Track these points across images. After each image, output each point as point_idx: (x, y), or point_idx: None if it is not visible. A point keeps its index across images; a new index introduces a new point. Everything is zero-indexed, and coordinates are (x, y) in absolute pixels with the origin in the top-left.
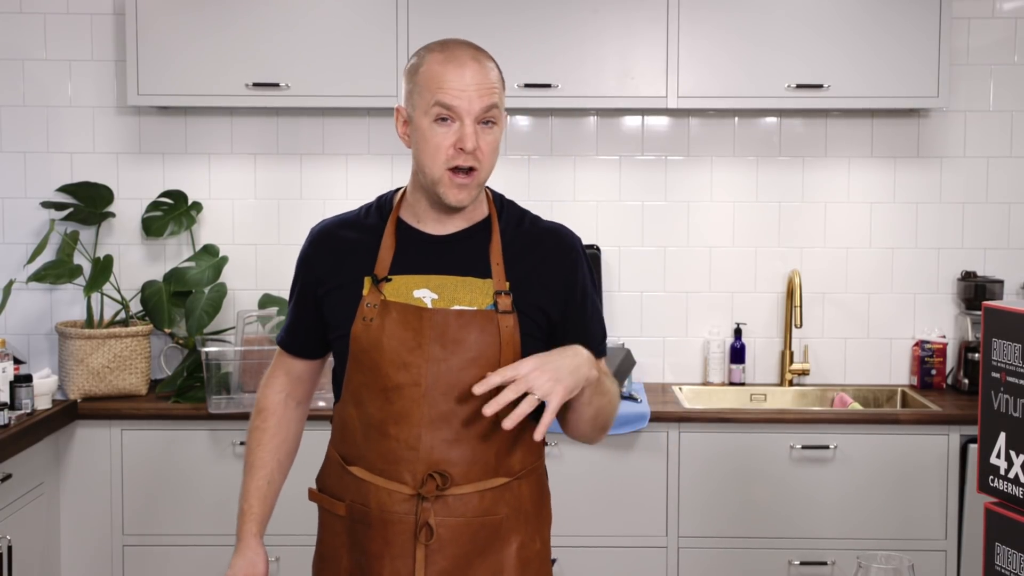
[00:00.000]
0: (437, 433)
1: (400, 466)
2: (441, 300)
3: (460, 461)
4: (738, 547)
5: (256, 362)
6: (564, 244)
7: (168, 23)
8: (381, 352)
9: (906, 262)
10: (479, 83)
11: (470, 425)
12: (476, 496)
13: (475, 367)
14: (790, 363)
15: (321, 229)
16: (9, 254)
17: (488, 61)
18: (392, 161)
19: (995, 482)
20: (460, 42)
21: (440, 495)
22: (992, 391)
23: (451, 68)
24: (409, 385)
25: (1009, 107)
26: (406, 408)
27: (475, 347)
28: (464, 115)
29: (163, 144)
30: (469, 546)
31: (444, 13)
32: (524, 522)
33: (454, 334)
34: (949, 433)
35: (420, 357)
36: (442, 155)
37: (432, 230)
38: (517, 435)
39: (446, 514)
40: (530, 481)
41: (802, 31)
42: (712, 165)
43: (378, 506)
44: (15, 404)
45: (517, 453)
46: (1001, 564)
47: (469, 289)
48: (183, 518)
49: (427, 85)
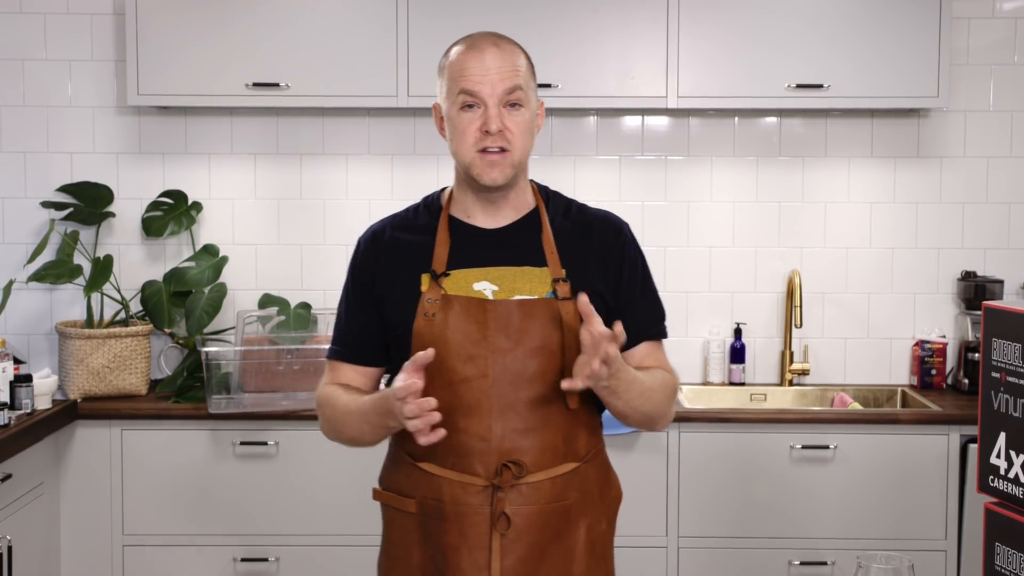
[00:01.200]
0: (507, 423)
1: (472, 458)
2: (502, 291)
3: (531, 449)
4: (738, 547)
5: (256, 362)
6: (613, 229)
7: (168, 23)
8: (446, 346)
9: (906, 262)
10: (500, 66)
11: (537, 412)
12: (548, 483)
13: (540, 355)
14: (790, 363)
15: (372, 233)
16: (9, 254)
17: (510, 45)
18: (392, 161)
19: (995, 482)
20: (484, 33)
21: (515, 484)
22: (992, 391)
23: (472, 55)
24: (476, 377)
25: (1009, 107)
26: (475, 400)
27: (539, 336)
28: (487, 98)
29: (163, 144)
30: (542, 532)
31: (444, 13)
32: (591, 505)
33: (518, 324)
34: (949, 433)
35: (485, 349)
36: (469, 139)
37: (483, 223)
38: (580, 418)
39: (520, 503)
40: (595, 464)
41: (802, 31)
42: (712, 165)
43: (452, 499)
44: (15, 404)
45: (581, 437)
46: (1001, 564)
47: (528, 279)
48: (183, 518)
49: (452, 76)
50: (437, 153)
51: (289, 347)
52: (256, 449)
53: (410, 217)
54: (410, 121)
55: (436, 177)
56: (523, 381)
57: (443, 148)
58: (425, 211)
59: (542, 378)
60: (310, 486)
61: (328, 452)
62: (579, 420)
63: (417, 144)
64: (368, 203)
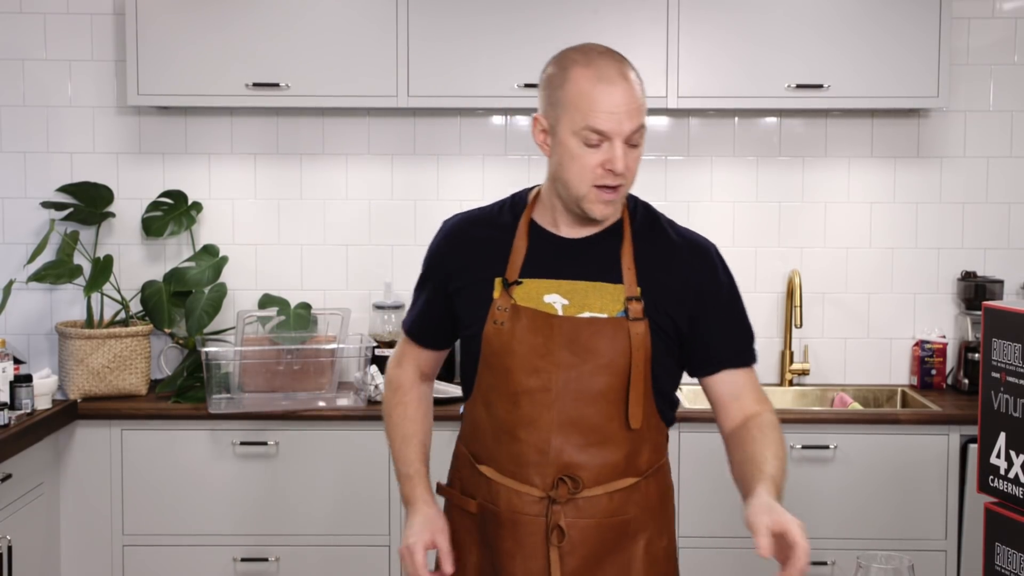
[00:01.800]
0: (567, 438)
1: (529, 469)
2: (572, 306)
3: (590, 464)
4: (738, 547)
5: (256, 362)
6: (697, 251)
7: (168, 23)
8: (512, 357)
9: (906, 262)
10: (628, 103)
11: (599, 430)
12: (605, 497)
13: (606, 374)
14: (790, 363)
15: (454, 224)
16: (9, 254)
17: (632, 72)
18: (392, 161)
19: (995, 482)
20: (604, 54)
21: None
22: (992, 391)
23: (601, 88)
24: (539, 390)
25: (1009, 107)
26: (536, 413)
27: (606, 354)
28: (614, 137)
29: (163, 144)
30: (598, 546)
31: (444, 13)
32: (651, 519)
33: (585, 342)
34: (949, 433)
35: (550, 363)
36: (588, 174)
37: (565, 233)
38: (643, 435)
39: (576, 515)
40: (657, 479)
41: (802, 31)
42: (712, 165)
43: (508, 507)
44: (15, 404)
45: (644, 453)
46: (1001, 564)
47: (600, 295)
48: (183, 518)
49: (576, 104)
50: (437, 153)
51: (289, 347)
52: (256, 449)
53: (493, 214)
54: (410, 121)
55: (436, 177)
56: (586, 398)
57: (444, 148)
58: (509, 210)
59: (605, 397)
60: (310, 486)
61: (328, 452)
62: (642, 437)
63: (417, 144)
64: (368, 203)
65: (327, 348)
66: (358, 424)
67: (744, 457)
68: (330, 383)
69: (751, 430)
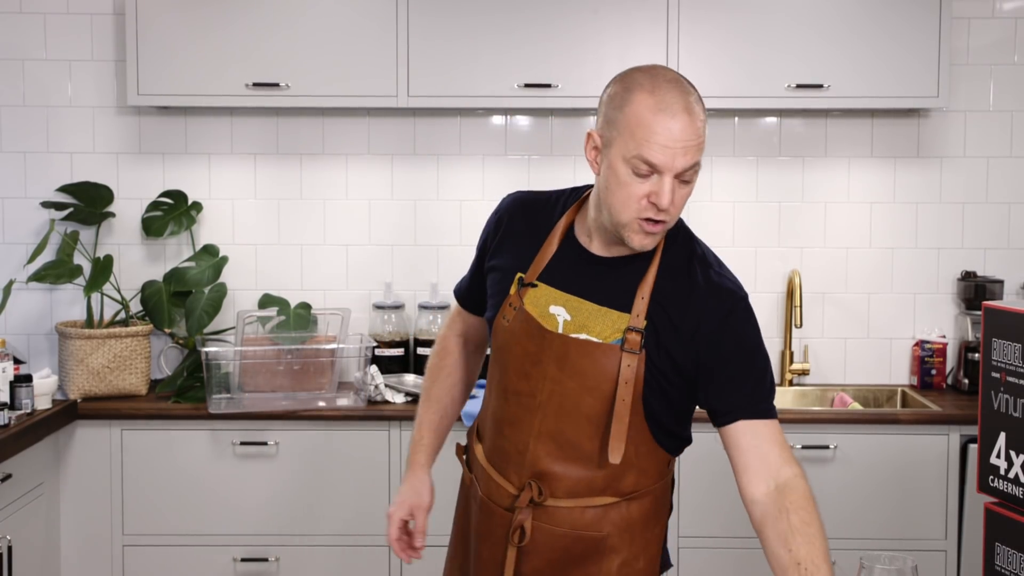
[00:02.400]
0: (544, 446)
1: (509, 467)
2: (572, 323)
3: (564, 477)
4: (738, 547)
5: (256, 362)
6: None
7: (168, 23)
8: (509, 355)
9: (906, 262)
10: (687, 139)
11: (578, 448)
12: (578, 511)
13: (591, 396)
14: (790, 363)
15: (512, 201)
16: (9, 254)
17: (698, 106)
18: (392, 161)
19: (995, 482)
20: (672, 82)
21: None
22: (992, 391)
23: (661, 119)
24: (527, 395)
25: (1009, 107)
26: (520, 415)
27: (592, 378)
28: (665, 171)
29: (163, 144)
30: (564, 554)
31: (444, 13)
32: (630, 540)
33: (573, 361)
34: (949, 433)
35: (539, 372)
36: (633, 204)
37: (595, 249)
38: (631, 462)
39: (545, 520)
40: (644, 501)
41: (802, 31)
42: (712, 165)
43: (486, 493)
44: (15, 404)
45: (630, 477)
46: (1001, 564)
47: (602, 320)
48: (183, 518)
49: (632, 130)
50: (437, 153)
51: (289, 347)
52: (256, 449)
53: (548, 204)
54: (410, 121)
55: (436, 177)
56: (570, 415)
57: (444, 148)
58: (560, 205)
59: (589, 419)
60: (310, 486)
61: (328, 452)
62: (627, 462)
63: (417, 144)
64: (368, 203)
65: (327, 348)
66: (358, 424)
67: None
68: (330, 383)
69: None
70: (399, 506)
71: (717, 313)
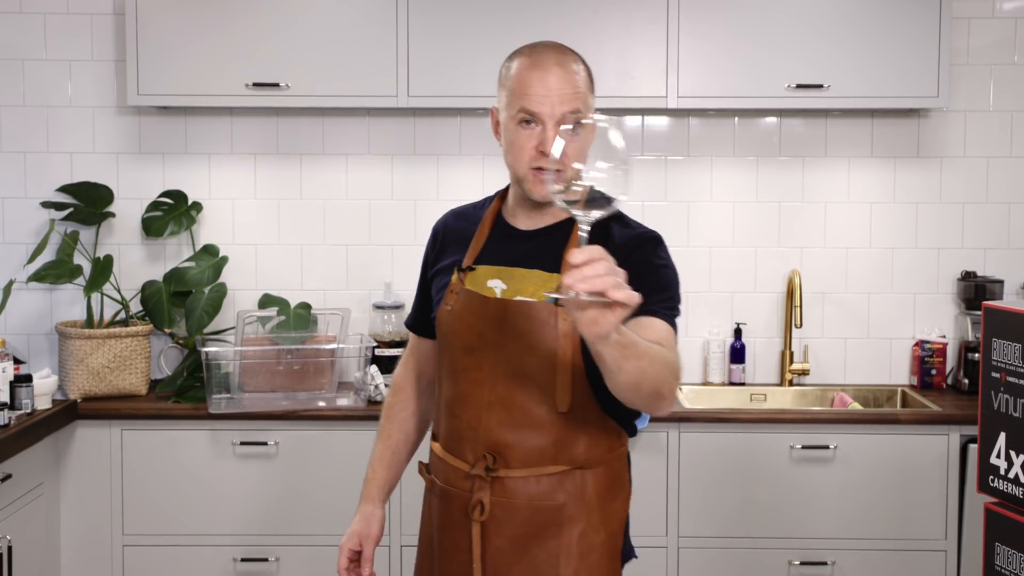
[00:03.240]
0: (495, 416)
1: (463, 445)
2: (509, 290)
3: (516, 445)
4: (738, 547)
5: (256, 362)
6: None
7: (168, 23)
8: (455, 336)
9: (906, 262)
10: (561, 88)
11: (527, 411)
12: (533, 480)
13: (534, 355)
14: (790, 363)
15: (441, 219)
16: (9, 254)
17: (573, 63)
18: (392, 161)
19: (995, 482)
20: (548, 45)
21: (497, 477)
22: (992, 391)
23: (535, 74)
24: (474, 368)
25: (1009, 107)
26: (469, 390)
27: (532, 336)
28: (546, 119)
29: (163, 144)
30: (524, 528)
31: (444, 13)
32: (587, 511)
33: (513, 323)
34: (949, 433)
35: (484, 343)
36: (525, 156)
37: (521, 224)
38: (579, 426)
39: (502, 494)
40: (598, 472)
41: (802, 31)
42: (712, 165)
43: (445, 481)
44: (15, 404)
45: (580, 444)
46: (1001, 564)
47: (535, 281)
48: (183, 518)
49: (512, 90)
50: (437, 153)
51: (289, 347)
52: (256, 449)
53: (475, 207)
54: (410, 121)
55: (436, 177)
56: (516, 379)
57: (444, 148)
58: (486, 203)
59: (534, 379)
60: (310, 486)
61: (328, 452)
62: (575, 425)
63: (417, 144)
64: (368, 203)
65: (327, 348)
66: (358, 424)
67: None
68: (330, 383)
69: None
70: (348, 536)
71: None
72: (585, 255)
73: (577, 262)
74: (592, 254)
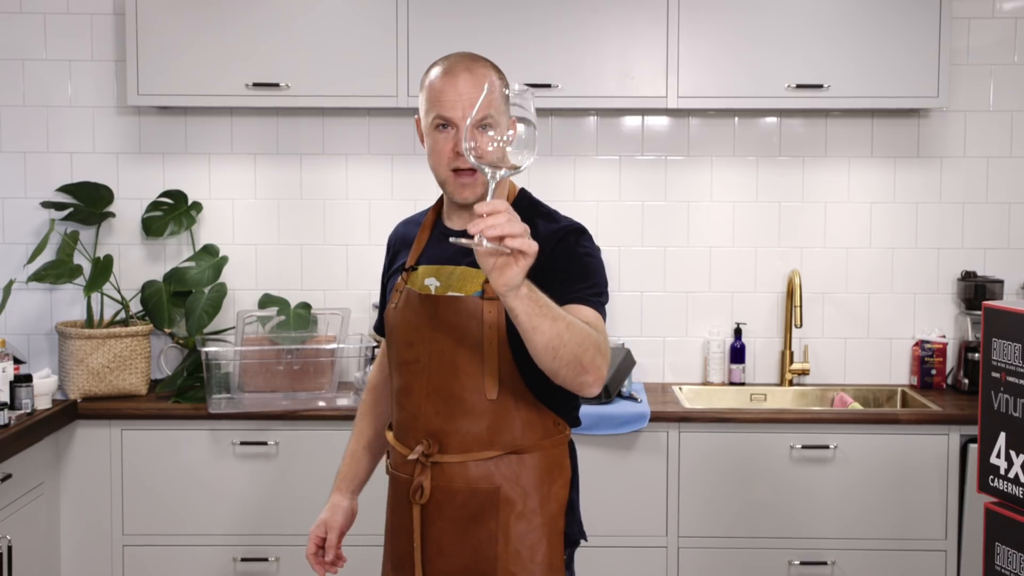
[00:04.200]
0: (433, 405)
1: (408, 433)
2: (442, 287)
3: (453, 432)
4: (738, 547)
5: (256, 362)
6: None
7: (168, 23)
8: (397, 332)
9: (906, 262)
10: (470, 91)
11: (460, 400)
12: (472, 464)
13: (463, 347)
14: (790, 363)
15: (396, 225)
16: (9, 254)
17: (483, 69)
18: (392, 161)
19: (995, 482)
20: (462, 55)
21: (436, 462)
22: (992, 391)
23: (447, 79)
24: (412, 361)
25: (1009, 107)
26: (411, 382)
27: (461, 330)
28: (459, 122)
29: (163, 144)
30: (463, 510)
31: (444, 13)
32: (523, 494)
33: (443, 317)
34: (949, 433)
35: (420, 337)
36: (444, 159)
37: (455, 225)
38: (512, 413)
39: (441, 480)
40: (534, 457)
41: (802, 31)
42: (712, 165)
43: (395, 467)
44: (15, 404)
45: (514, 430)
46: (1001, 564)
47: (464, 278)
48: (183, 518)
49: (428, 98)
50: None
51: (289, 347)
52: (256, 449)
53: (421, 215)
54: (410, 121)
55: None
56: (449, 370)
57: None
58: (430, 209)
59: (465, 370)
60: (310, 486)
61: (328, 452)
62: (508, 412)
63: (417, 144)
64: (368, 203)
65: (327, 348)
66: None
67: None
68: (330, 383)
69: None
70: (316, 525)
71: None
72: (490, 206)
73: (482, 211)
74: (496, 206)
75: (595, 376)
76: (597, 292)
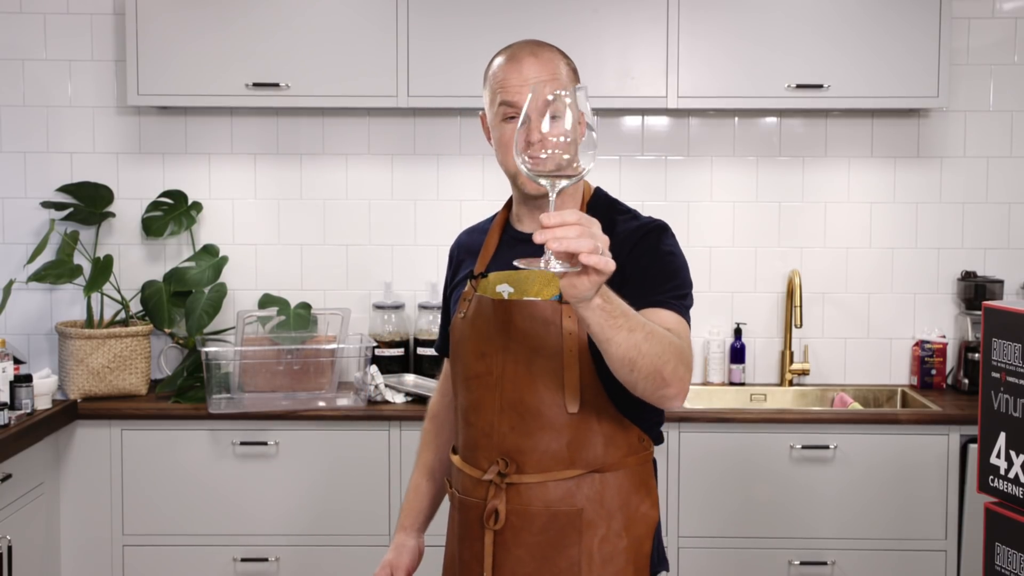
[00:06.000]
0: (508, 420)
1: (478, 453)
2: (516, 292)
3: (531, 450)
4: (738, 547)
5: (256, 362)
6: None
7: (168, 23)
8: (466, 343)
9: (906, 262)
10: (537, 75)
11: (538, 414)
12: (552, 485)
13: (542, 356)
14: (790, 363)
15: (459, 234)
16: (9, 254)
17: (549, 53)
18: (392, 161)
19: (995, 482)
20: (525, 41)
21: (511, 483)
22: (992, 391)
23: (511, 65)
24: (484, 374)
25: (1009, 107)
26: (482, 396)
27: (538, 337)
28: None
29: (163, 144)
30: (543, 536)
31: (444, 13)
32: (607, 516)
33: (519, 324)
34: (949, 433)
35: (493, 347)
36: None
37: (526, 228)
38: (594, 428)
39: (518, 502)
40: (619, 475)
41: (802, 31)
42: (712, 165)
43: (462, 491)
44: (15, 404)
45: (596, 446)
46: (1001, 564)
47: (540, 281)
48: (183, 518)
49: (492, 87)
50: (437, 153)
51: (289, 347)
52: (256, 449)
53: (486, 222)
54: (410, 121)
55: (436, 177)
56: (525, 381)
57: (444, 148)
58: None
59: (543, 380)
60: (310, 486)
61: (328, 452)
62: (590, 427)
63: (417, 144)
64: (368, 203)
65: (327, 348)
66: (358, 424)
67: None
68: (330, 383)
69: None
70: (381, 567)
71: (634, 238)
72: (558, 218)
73: (549, 224)
74: (566, 217)
75: (677, 388)
76: (681, 295)
